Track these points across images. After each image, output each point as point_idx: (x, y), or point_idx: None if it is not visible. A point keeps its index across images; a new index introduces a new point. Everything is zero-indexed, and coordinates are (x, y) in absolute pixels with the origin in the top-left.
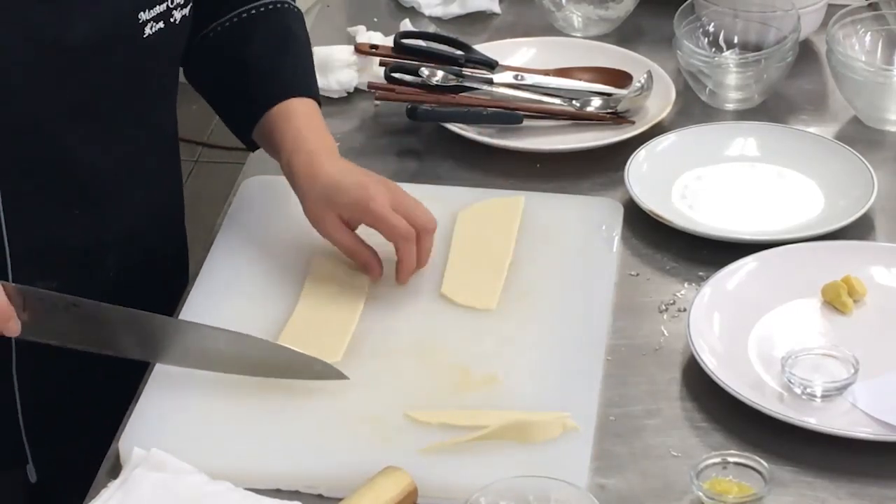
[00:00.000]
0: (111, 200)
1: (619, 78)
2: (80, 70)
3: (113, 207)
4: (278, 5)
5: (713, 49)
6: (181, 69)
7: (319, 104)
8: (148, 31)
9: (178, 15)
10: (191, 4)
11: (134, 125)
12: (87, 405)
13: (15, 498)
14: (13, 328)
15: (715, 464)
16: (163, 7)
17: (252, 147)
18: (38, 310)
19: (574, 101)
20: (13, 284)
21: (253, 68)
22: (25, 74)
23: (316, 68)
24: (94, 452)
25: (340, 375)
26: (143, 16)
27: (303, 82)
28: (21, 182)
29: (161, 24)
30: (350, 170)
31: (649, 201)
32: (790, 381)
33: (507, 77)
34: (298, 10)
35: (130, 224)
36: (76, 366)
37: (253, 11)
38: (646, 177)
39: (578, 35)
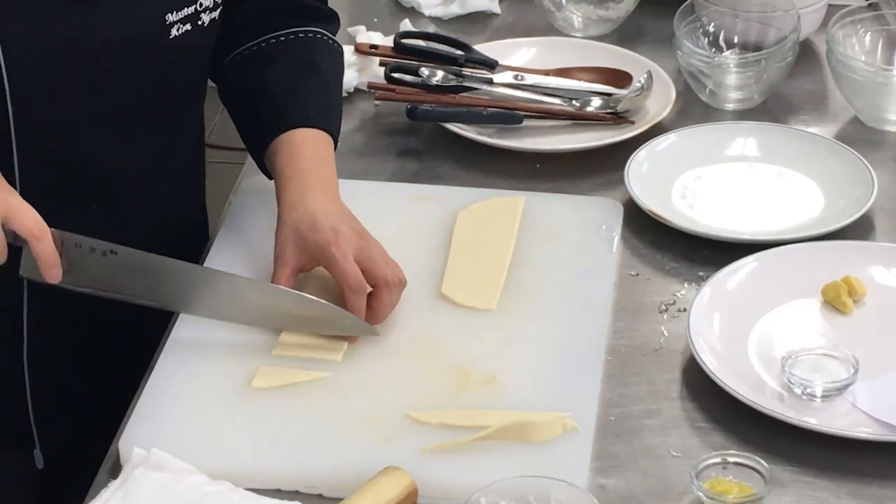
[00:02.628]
0: (132, 199)
1: (619, 78)
2: (106, 71)
3: (134, 206)
4: (309, 34)
5: (713, 49)
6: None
7: (336, 138)
8: (175, 32)
9: (206, 18)
10: (220, 8)
11: (158, 128)
12: (96, 395)
13: (22, 483)
14: (56, 275)
15: (715, 464)
16: (191, 10)
17: (271, 176)
18: (76, 256)
19: (574, 101)
20: (55, 229)
21: (267, 95)
22: (51, 76)
23: None
24: (101, 443)
25: (371, 331)
26: (171, 17)
27: (315, 113)
28: (41, 179)
29: (188, 27)
30: (333, 211)
31: (649, 201)
32: (790, 381)
33: (507, 77)
34: (334, 43)
35: (151, 222)
36: (86, 355)
37: (279, 39)
38: (646, 177)
39: (578, 35)
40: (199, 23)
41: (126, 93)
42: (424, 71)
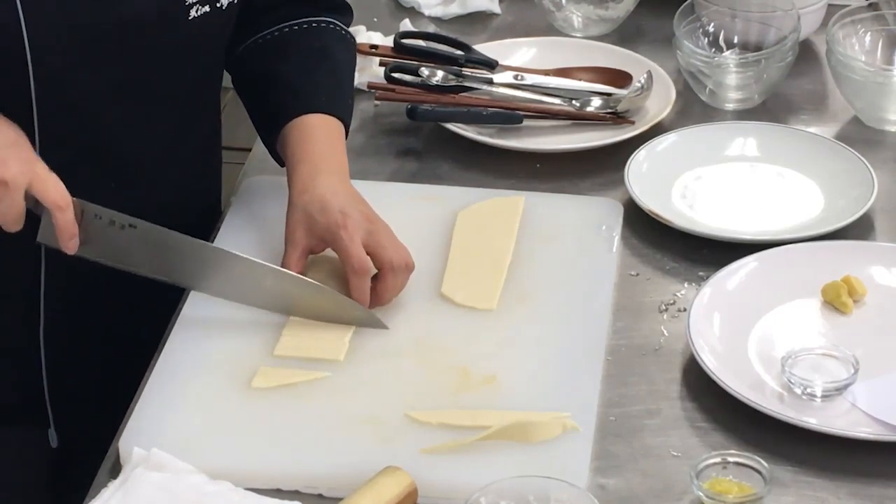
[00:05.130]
0: (149, 180)
1: (619, 78)
2: (124, 50)
3: (149, 184)
4: (322, 24)
5: (713, 49)
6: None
7: (347, 125)
8: (193, 13)
9: (224, 1)
10: None
11: (177, 109)
12: (111, 374)
13: (36, 461)
14: (73, 246)
15: (715, 464)
16: None
17: (282, 163)
18: (95, 227)
19: (574, 101)
20: (77, 199)
21: (279, 82)
22: (69, 53)
23: None
24: (114, 423)
25: (380, 324)
26: None
27: (327, 100)
28: (61, 156)
29: (207, 8)
30: (343, 194)
31: (649, 201)
32: (790, 381)
33: (507, 77)
34: (346, 32)
35: (166, 201)
36: (102, 334)
37: (292, 28)
38: (646, 177)
39: (578, 35)
40: (218, 5)
41: (145, 72)
42: (424, 71)
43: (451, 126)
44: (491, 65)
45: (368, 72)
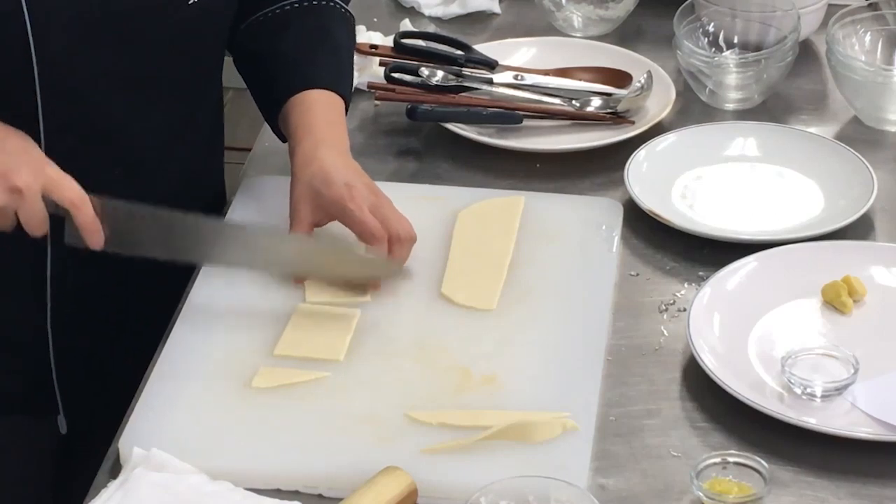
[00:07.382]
0: (151, 165)
1: (619, 78)
2: (127, 35)
3: (153, 172)
4: (322, 3)
5: (713, 49)
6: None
7: (347, 102)
8: None
9: None
10: None
11: (179, 94)
12: (119, 359)
13: (46, 448)
14: (98, 241)
15: (715, 464)
16: None
17: (285, 140)
18: (115, 220)
19: (574, 101)
20: (94, 196)
21: (281, 59)
22: (72, 39)
23: None
24: (123, 409)
25: (404, 272)
26: None
27: (327, 76)
28: (66, 143)
29: None
30: (345, 167)
31: (649, 201)
32: (790, 381)
33: (507, 77)
34: (347, 12)
35: (169, 189)
36: (110, 320)
37: (293, 6)
38: (646, 177)
39: (578, 35)
40: None
41: (147, 57)
42: (424, 71)
43: (451, 126)
44: (491, 65)
45: (368, 72)
